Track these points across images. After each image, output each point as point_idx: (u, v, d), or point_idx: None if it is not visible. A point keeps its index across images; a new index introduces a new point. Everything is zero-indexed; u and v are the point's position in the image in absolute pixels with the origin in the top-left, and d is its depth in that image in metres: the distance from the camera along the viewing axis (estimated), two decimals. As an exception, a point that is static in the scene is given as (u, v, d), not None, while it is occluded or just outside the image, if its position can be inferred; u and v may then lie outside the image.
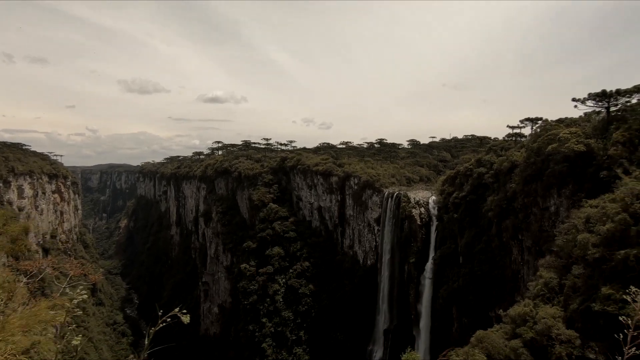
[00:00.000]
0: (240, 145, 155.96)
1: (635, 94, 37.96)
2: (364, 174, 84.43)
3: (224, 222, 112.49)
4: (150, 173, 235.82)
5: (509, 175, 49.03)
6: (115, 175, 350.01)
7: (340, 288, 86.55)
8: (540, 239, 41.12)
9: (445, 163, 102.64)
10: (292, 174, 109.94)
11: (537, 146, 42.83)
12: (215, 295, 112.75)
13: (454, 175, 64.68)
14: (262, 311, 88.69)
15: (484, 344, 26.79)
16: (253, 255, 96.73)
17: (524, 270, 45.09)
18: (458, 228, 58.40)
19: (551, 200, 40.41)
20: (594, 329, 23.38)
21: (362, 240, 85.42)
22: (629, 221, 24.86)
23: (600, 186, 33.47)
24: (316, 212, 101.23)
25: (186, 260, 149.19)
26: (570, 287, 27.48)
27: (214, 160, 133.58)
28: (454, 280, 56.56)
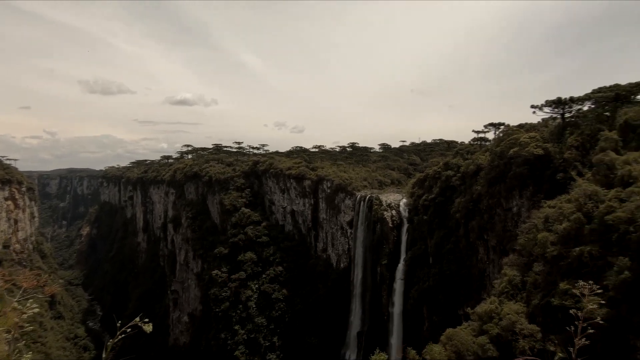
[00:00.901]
0: (211, 149, 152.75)
1: (587, 101, 40.81)
2: (337, 177, 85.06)
3: (194, 227, 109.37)
4: (115, 178, 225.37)
5: (475, 178, 51.04)
6: (77, 180, 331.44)
7: (313, 292, 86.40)
8: (504, 238, 43.04)
9: (415, 166, 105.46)
10: (264, 177, 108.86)
11: (500, 150, 44.93)
12: (185, 304, 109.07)
13: (424, 178, 66.54)
14: (234, 318, 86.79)
15: (453, 341, 27.60)
16: (225, 261, 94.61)
17: (490, 268, 47.00)
18: (428, 229, 60.02)
19: (513, 202, 42.46)
20: (553, 322, 24.73)
21: (336, 244, 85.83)
22: (583, 220, 26.57)
23: (557, 187, 35.59)
24: (289, 216, 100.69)
25: (154, 268, 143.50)
26: (532, 284, 28.95)
27: (184, 164, 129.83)
28: (424, 281, 58.00)
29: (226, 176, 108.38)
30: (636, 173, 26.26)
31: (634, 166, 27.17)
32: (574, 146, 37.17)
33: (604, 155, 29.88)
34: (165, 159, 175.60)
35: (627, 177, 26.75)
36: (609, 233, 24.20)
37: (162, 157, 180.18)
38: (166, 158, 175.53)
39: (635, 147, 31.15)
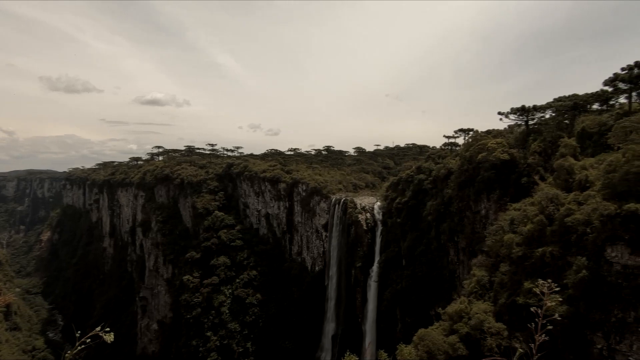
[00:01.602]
0: (183, 151, 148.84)
1: (548, 109, 43.14)
2: (312, 180, 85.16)
3: (165, 231, 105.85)
4: (80, 180, 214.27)
5: (446, 182, 52.62)
6: (37, 182, 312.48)
7: (288, 296, 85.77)
8: (473, 240, 44.58)
9: (389, 170, 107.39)
10: (238, 180, 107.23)
11: (469, 155, 46.59)
12: (154, 311, 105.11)
13: (397, 182, 67.88)
14: (206, 324, 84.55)
15: (425, 341, 28.19)
16: (197, 266, 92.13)
17: (460, 269, 48.50)
18: (401, 232, 61.20)
19: (482, 204, 44.09)
20: (518, 320, 25.83)
21: (311, 247, 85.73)
22: (545, 222, 27.99)
23: (522, 191, 37.32)
24: (264, 220, 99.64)
25: (121, 274, 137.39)
26: (499, 284, 30.13)
27: (154, 166, 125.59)
28: (397, 282, 58.99)
29: (199, 179, 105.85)
30: (592, 178, 27.98)
31: (590, 171, 28.96)
32: (537, 152, 39.15)
33: (564, 161, 31.66)
34: (135, 160, 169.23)
35: (584, 182, 28.46)
36: (569, 234, 25.61)
37: (131, 158, 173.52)
38: (135, 160, 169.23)
39: (592, 153, 33.25)
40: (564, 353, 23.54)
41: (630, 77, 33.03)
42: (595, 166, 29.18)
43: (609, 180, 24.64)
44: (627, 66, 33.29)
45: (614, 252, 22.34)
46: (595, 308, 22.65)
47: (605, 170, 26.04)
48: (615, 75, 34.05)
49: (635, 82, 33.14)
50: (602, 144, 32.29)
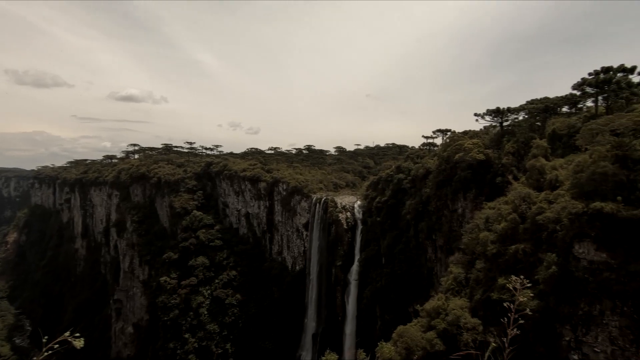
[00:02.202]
0: (160, 149, 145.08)
1: (521, 111, 44.71)
2: (293, 179, 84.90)
3: (141, 232, 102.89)
4: (49, 179, 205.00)
5: (424, 181, 53.64)
6: (2, 181, 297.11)
7: (268, 295, 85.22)
8: (450, 238, 45.66)
9: (369, 169, 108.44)
10: (218, 179, 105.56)
11: (447, 155, 47.66)
12: (129, 314, 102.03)
13: (377, 181, 68.64)
14: (184, 326, 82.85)
15: (404, 338, 28.67)
16: (174, 267, 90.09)
17: (438, 267, 49.58)
18: (380, 231, 61.94)
19: (458, 203, 45.21)
20: (493, 315, 26.67)
21: (291, 246, 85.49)
22: (518, 220, 29.01)
23: (496, 190, 38.53)
24: (244, 219, 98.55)
25: (94, 276, 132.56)
26: (474, 280, 31.00)
27: (129, 164, 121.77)
28: (377, 281, 59.69)
29: (177, 177, 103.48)
30: (562, 177, 29.21)
31: (560, 171, 30.23)
32: (510, 152, 40.51)
33: (536, 161, 32.91)
34: (109, 158, 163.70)
35: (555, 181, 29.68)
36: (540, 232, 26.64)
37: (105, 156, 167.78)
38: (109, 158, 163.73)
39: (561, 154, 34.71)
40: (535, 346, 24.49)
41: (597, 82, 34.67)
42: (565, 166, 30.48)
43: (577, 180, 25.78)
44: (594, 71, 34.93)
45: (581, 248, 23.39)
46: (564, 302, 23.67)
47: (574, 170, 27.23)
48: (583, 80, 35.65)
49: (601, 86, 34.81)
50: (571, 145, 33.74)
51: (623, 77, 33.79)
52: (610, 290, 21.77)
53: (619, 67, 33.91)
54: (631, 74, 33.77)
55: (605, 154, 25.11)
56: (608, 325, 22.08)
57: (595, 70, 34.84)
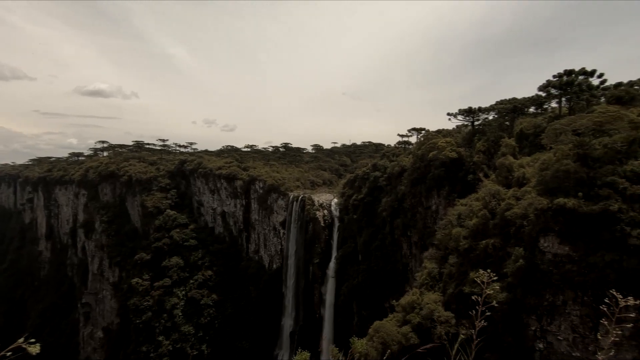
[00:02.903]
0: (131, 146, 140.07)
1: (491, 111, 46.37)
2: (270, 177, 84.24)
3: (111, 232, 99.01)
4: (9, 177, 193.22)
5: (399, 179, 54.65)
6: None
7: (245, 295, 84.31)
8: (425, 234, 46.81)
9: (345, 167, 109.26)
10: (192, 177, 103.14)
11: (421, 153, 48.76)
12: (99, 317, 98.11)
13: (354, 179, 69.28)
14: (158, 329, 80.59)
15: (380, 333, 29.17)
16: (147, 268, 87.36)
17: (413, 262, 50.72)
18: (357, 228, 62.62)
19: (432, 200, 46.40)
20: (465, 308, 27.61)
21: (268, 245, 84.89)
22: (488, 216, 30.12)
23: (468, 187, 39.81)
24: (219, 218, 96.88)
25: (60, 279, 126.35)
26: (447, 275, 31.94)
27: (98, 162, 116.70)
28: (354, 277, 60.36)
29: (149, 176, 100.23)
30: (529, 175, 30.56)
31: (527, 169, 31.61)
32: (481, 151, 41.94)
33: (505, 159, 34.24)
34: (75, 156, 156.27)
35: (522, 178, 31.01)
36: (508, 227, 27.79)
37: (71, 154, 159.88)
38: (76, 155, 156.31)
39: (528, 152, 36.30)
40: (504, 336, 25.57)
41: (560, 84, 36.46)
42: (531, 164, 31.90)
43: (542, 177, 27.05)
44: (557, 74, 36.71)
45: (546, 242, 24.59)
46: (530, 294, 24.83)
47: (540, 168, 28.56)
48: (548, 82, 37.40)
49: (564, 88, 36.64)
50: (537, 144, 35.34)
51: (584, 79, 35.71)
52: (572, 282, 23.04)
53: (580, 70, 35.81)
54: (591, 77, 35.74)
55: (567, 152, 26.48)
56: (570, 315, 23.37)
57: (559, 73, 36.63)
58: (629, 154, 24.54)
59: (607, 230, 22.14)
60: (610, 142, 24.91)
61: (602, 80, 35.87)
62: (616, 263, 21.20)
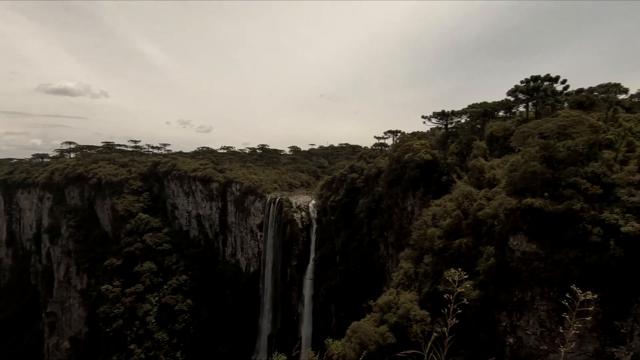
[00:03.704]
0: (101, 147, 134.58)
1: (464, 115, 47.91)
2: (246, 179, 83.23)
3: (78, 237, 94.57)
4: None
5: (376, 180, 55.38)
6: None
7: (222, 299, 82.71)
8: (401, 234, 47.63)
9: (323, 169, 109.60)
10: (166, 180, 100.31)
11: (397, 155, 49.63)
12: (65, 327, 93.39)
13: (331, 181, 69.57)
14: (129, 337, 77.64)
15: (357, 333, 29.37)
16: (117, 274, 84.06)
17: (389, 263, 51.46)
18: (335, 229, 62.87)
19: (408, 201, 47.30)
20: (440, 306, 28.24)
21: (245, 247, 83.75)
22: (461, 216, 31.03)
23: (442, 188, 40.88)
24: (194, 221, 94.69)
25: (23, 288, 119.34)
26: (423, 274, 32.62)
27: (65, 164, 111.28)
28: (332, 279, 60.52)
29: (120, 178, 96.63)
30: (499, 176, 31.75)
31: (497, 170, 32.83)
32: (454, 153, 43.20)
33: (476, 161, 35.43)
34: (39, 157, 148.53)
35: (493, 179, 32.17)
36: (480, 226, 28.74)
37: (35, 155, 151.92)
38: (40, 157, 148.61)
39: (498, 154, 37.72)
40: (477, 332, 26.38)
41: (527, 89, 38.18)
42: (501, 166, 33.18)
43: (511, 179, 28.18)
44: (525, 79, 38.43)
45: (515, 240, 25.62)
46: (501, 290, 25.76)
47: (509, 169, 29.74)
48: (516, 87, 39.08)
49: (531, 93, 38.39)
50: (506, 147, 36.82)
51: (549, 85, 37.56)
52: (539, 278, 24.11)
53: (545, 76, 37.63)
54: (555, 82, 37.64)
55: (534, 154, 27.73)
56: (538, 310, 24.43)
57: (526, 79, 38.35)
58: (590, 156, 26.01)
59: (570, 228, 23.35)
60: (573, 144, 26.31)
61: (565, 86, 37.85)
62: (579, 259, 22.38)
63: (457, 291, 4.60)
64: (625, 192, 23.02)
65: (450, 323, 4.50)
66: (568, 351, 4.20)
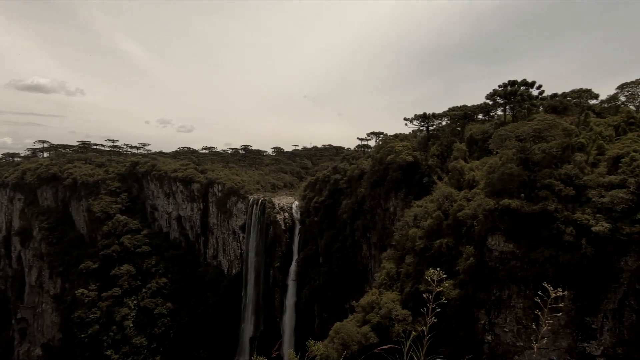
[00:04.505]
0: (76, 147, 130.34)
1: (444, 117, 48.92)
2: (229, 180, 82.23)
3: (52, 240, 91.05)
4: None
5: (359, 181, 55.79)
6: None
7: (203, 302, 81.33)
8: (384, 235, 48.12)
9: (306, 170, 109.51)
10: (145, 180, 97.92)
11: (380, 156, 50.16)
12: (37, 334, 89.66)
13: (315, 182, 69.61)
14: (106, 342, 75.25)
15: (340, 334, 29.46)
16: (94, 278, 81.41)
17: (372, 263, 51.88)
18: (318, 230, 62.92)
19: (390, 202, 47.86)
20: (421, 306, 28.67)
21: (227, 249, 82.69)
22: (442, 217, 31.63)
23: (424, 189, 41.56)
24: (175, 223, 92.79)
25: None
26: (405, 274, 33.06)
27: (37, 163, 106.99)
28: (315, 280, 60.50)
29: (96, 178, 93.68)
30: (478, 177, 32.54)
31: (476, 172, 33.64)
32: (435, 154, 44.03)
33: (456, 163, 36.21)
34: (10, 157, 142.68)
35: (472, 181, 32.94)
36: (460, 227, 29.36)
37: (5, 154, 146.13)
38: (11, 156, 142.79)
39: (477, 156, 38.66)
40: (457, 331, 26.92)
41: (505, 94, 39.33)
42: (480, 168, 34.02)
43: (489, 180, 28.94)
44: (502, 84, 39.57)
45: (493, 240, 26.31)
46: (480, 289, 26.40)
47: (487, 171, 30.53)
48: (494, 91, 40.18)
49: (508, 97, 39.56)
50: (485, 149, 37.79)
51: (525, 90, 38.80)
52: (516, 277, 24.84)
53: (522, 81, 38.88)
54: (531, 87, 38.92)
55: (511, 157, 28.58)
56: (514, 308, 25.16)
57: (503, 83, 39.49)
58: (563, 158, 27.02)
59: (545, 228, 24.17)
60: (548, 147, 27.26)
61: (540, 91, 39.18)
62: (553, 258, 23.20)
63: (436, 290, 4.68)
64: (596, 193, 24.02)
65: (429, 322, 4.58)
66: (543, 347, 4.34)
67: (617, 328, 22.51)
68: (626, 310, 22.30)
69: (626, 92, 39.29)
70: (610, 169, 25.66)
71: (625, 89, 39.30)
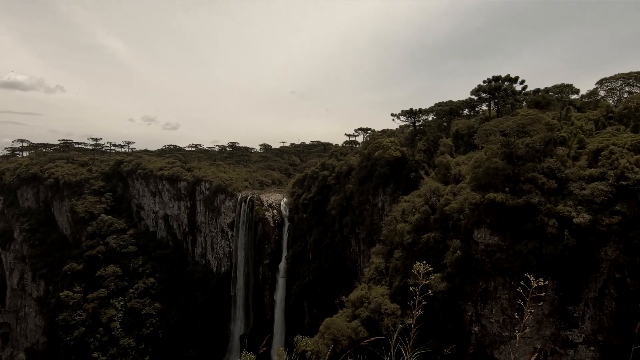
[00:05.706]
0: (57, 146, 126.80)
1: (431, 113, 49.37)
2: (216, 178, 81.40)
3: (34, 242, 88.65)
4: None
5: (348, 177, 55.98)
6: None
7: (192, 301, 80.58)
8: (372, 230, 48.49)
9: (295, 167, 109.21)
10: (130, 179, 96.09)
11: (368, 152, 50.40)
12: (20, 338, 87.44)
13: (303, 178, 69.53)
14: (92, 344, 73.88)
15: (330, 329, 29.63)
16: (79, 279, 79.71)
17: (361, 258, 52.27)
18: (307, 227, 62.97)
19: (379, 198, 48.21)
20: (410, 299, 29.09)
21: (216, 247, 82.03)
22: (429, 211, 32.01)
23: (411, 184, 41.98)
24: (162, 222, 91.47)
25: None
26: (393, 268, 33.41)
27: (16, 163, 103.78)
28: (304, 276, 60.62)
29: (79, 178, 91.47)
30: (464, 172, 33.02)
31: (462, 167, 34.12)
32: (422, 150, 44.45)
33: (443, 158, 36.65)
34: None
35: (458, 175, 33.41)
36: (447, 221, 29.78)
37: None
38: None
39: (463, 151, 39.21)
40: (445, 323, 27.38)
41: (489, 89, 39.93)
42: (466, 162, 34.52)
43: (475, 174, 29.39)
44: (487, 79, 40.14)
45: (479, 233, 26.79)
46: (467, 282, 26.88)
47: (473, 165, 31.00)
48: (479, 86, 40.74)
49: (492, 93, 40.18)
50: (471, 144, 38.35)
51: (509, 85, 39.46)
52: (502, 269, 25.38)
53: (506, 76, 39.50)
54: (515, 83, 39.60)
55: (496, 151, 29.07)
56: (500, 299, 25.72)
57: (488, 79, 40.06)
58: (546, 152, 27.62)
59: (529, 220, 24.73)
60: (531, 142, 27.82)
61: (523, 87, 39.91)
62: (537, 250, 23.77)
63: (423, 283, 4.74)
64: (577, 186, 24.68)
65: (416, 314, 4.63)
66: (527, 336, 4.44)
67: (598, 316, 23.27)
68: (606, 299, 23.06)
69: (605, 87, 40.39)
70: (591, 162, 26.37)
71: (604, 84, 40.39)
